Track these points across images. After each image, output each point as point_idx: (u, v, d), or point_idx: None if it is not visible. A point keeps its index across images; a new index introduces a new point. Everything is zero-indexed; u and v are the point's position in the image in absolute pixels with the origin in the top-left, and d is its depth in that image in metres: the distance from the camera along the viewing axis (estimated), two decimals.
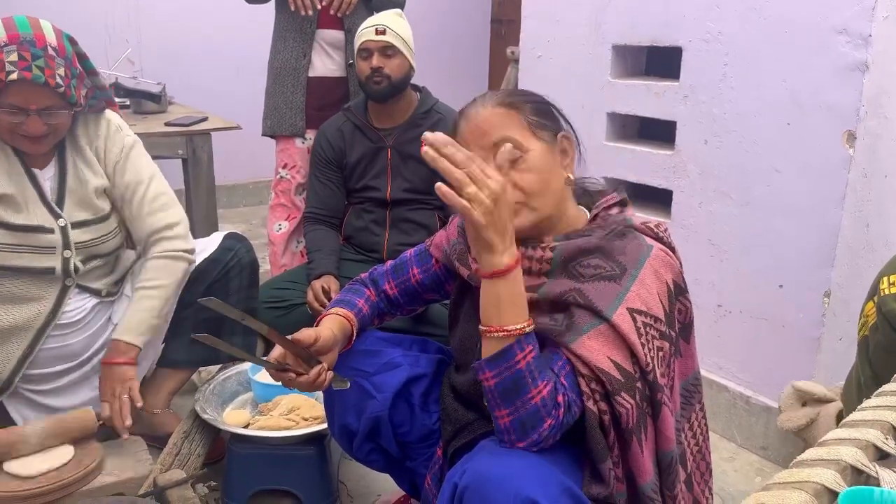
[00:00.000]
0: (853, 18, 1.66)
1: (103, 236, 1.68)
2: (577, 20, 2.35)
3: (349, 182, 2.37)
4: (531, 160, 1.10)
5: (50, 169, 1.63)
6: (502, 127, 1.10)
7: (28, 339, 1.62)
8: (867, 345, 1.36)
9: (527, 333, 1.02)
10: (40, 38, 1.46)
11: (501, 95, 1.15)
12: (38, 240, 1.58)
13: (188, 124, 2.60)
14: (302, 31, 2.56)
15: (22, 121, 1.48)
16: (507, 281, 1.01)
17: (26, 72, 1.42)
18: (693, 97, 2.04)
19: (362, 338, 1.34)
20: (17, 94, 1.45)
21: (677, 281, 1.12)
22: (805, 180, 1.81)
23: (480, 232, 0.97)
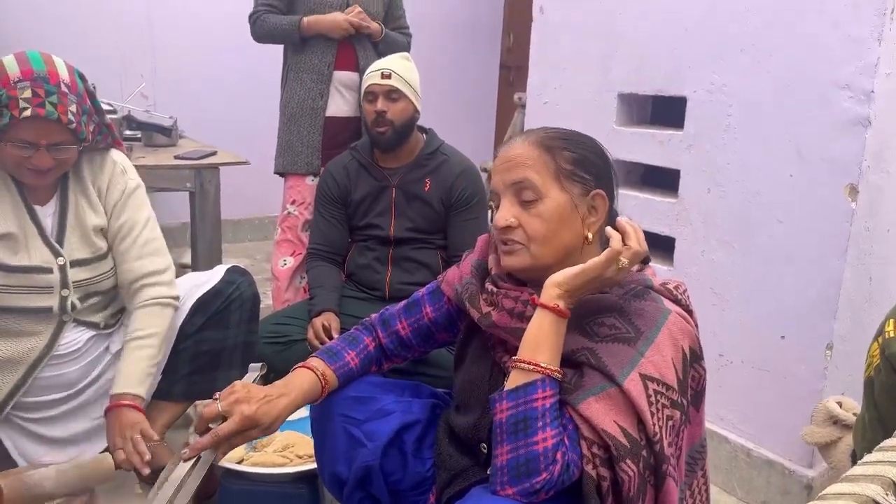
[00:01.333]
0: (856, 74, 1.69)
1: (101, 275, 1.68)
2: (584, 68, 2.39)
3: (353, 219, 2.39)
4: (543, 207, 1.10)
5: (51, 205, 1.64)
6: (527, 168, 1.11)
7: (22, 370, 1.61)
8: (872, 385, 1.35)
9: (554, 378, 1.02)
10: (53, 74, 1.48)
11: (546, 135, 1.15)
12: (36, 280, 1.58)
13: (197, 158, 2.64)
14: (319, 71, 2.61)
15: (30, 155, 1.49)
16: (557, 320, 1.04)
17: (40, 108, 1.43)
18: (697, 146, 2.06)
19: (354, 383, 1.32)
20: (28, 129, 1.46)
21: (693, 347, 1.09)
22: (807, 232, 1.81)
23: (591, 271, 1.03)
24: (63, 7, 3.78)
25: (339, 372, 1.30)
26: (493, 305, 1.17)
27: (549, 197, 1.10)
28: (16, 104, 1.43)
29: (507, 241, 1.12)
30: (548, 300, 1.05)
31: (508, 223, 1.11)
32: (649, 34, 2.16)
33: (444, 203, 2.33)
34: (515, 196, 1.12)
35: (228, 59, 4.23)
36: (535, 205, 1.10)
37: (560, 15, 2.48)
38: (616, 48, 2.28)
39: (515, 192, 1.12)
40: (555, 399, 1.02)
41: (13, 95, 1.43)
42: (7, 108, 1.43)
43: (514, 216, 1.11)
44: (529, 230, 1.10)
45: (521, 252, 1.11)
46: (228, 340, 1.81)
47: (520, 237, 1.11)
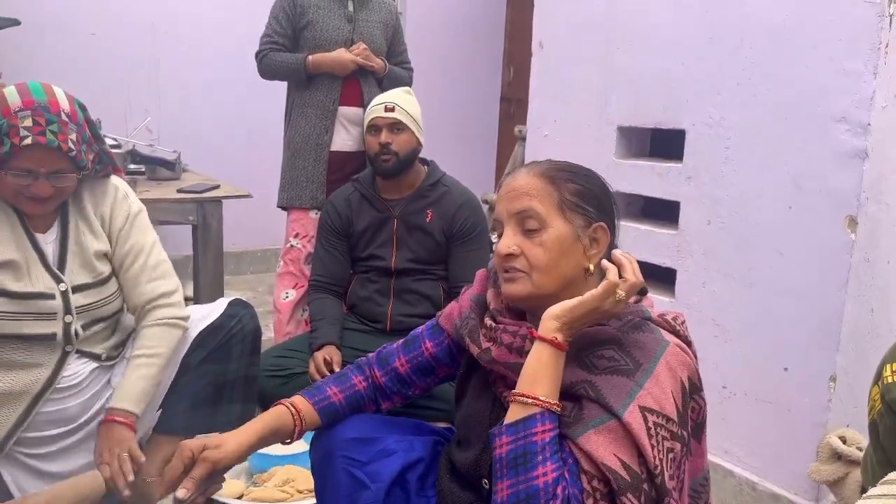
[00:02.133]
0: (852, 107, 1.71)
1: (104, 299, 1.68)
2: (584, 102, 2.42)
3: (355, 251, 2.40)
4: (546, 236, 1.11)
5: (52, 232, 1.64)
6: (531, 197, 1.12)
7: (24, 404, 1.60)
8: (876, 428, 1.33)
9: (553, 412, 1.02)
10: (54, 103, 1.50)
11: (551, 167, 1.17)
12: (40, 306, 1.58)
13: (200, 191, 2.65)
14: (324, 107, 2.65)
15: (30, 183, 1.50)
16: (555, 353, 1.05)
17: (40, 136, 1.45)
18: (696, 178, 2.07)
19: (353, 424, 1.31)
20: (29, 157, 1.47)
21: (693, 379, 1.09)
22: (808, 263, 1.81)
23: (588, 304, 1.04)
24: (70, 44, 3.85)
25: (319, 406, 1.29)
26: (492, 341, 1.16)
27: (552, 227, 1.11)
28: (16, 132, 1.44)
29: (509, 268, 1.13)
30: (546, 333, 1.06)
31: (511, 251, 1.12)
32: (647, 68, 2.19)
33: (445, 234, 2.34)
34: (519, 225, 1.13)
35: (232, 93, 4.29)
36: (538, 234, 1.11)
37: (559, 50, 2.52)
38: (615, 82, 2.31)
39: (519, 220, 1.13)
40: (554, 433, 1.01)
41: (14, 124, 1.44)
42: (7, 136, 1.44)
43: (516, 244, 1.12)
44: (532, 258, 1.11)
45: (522, 280, 1.11)
46: (230, 374, 1.81)
47: (522, 265, 1.11)
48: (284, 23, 2.64)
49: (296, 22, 2.64)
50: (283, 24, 2.64)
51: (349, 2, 2.69)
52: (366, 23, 2.71)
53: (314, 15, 2.62)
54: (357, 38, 2.66)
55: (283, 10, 2.64)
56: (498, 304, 1.21)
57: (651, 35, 2.18)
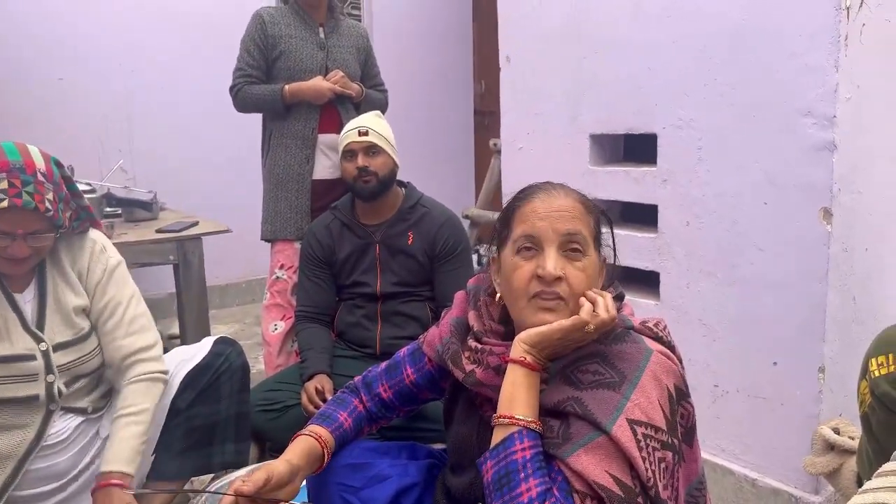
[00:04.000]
0: (817, 101, 1.73)
1: (85, 356, 1.66)
2: (554, 112, 2.44)
3: (339, 278, 2.39)
4: (587, 262, 1.10)
5: (30, 291, 1.63)
6: (579, 221, 1.11)
7: (11, 466, 1.57)
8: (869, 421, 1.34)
9: (531, 430, 1.03)
10: (30, 164, 1.49)
11: (580, 194, 1.16)
12: (20, 368, 1.56)
13: (179, 230, 2.64)
14: (304, 137, 2.64)
15: (7, 244, 1.49)
16: (528, 373, 1.06)
17: (17, 199, 1.45)
18: (672, 181, 2.09)
19: (348, 450, 1.31)
20: (6, 219, 1.47)
21: (679, 385, 1.09)
22: (787, 257, 1.83)
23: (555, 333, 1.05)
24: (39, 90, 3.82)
25: (336, 434, 1.29)
26: (476, 363, 1.16)
27: (590, 255, 1.11)
28: None
29: (550, 294, 1.08)
30: (515, 355, 1.08)
31: (560, 274, 1.08)
32: (615, 75, 2.22)
33: (428, 255, 2.34)
34: (562, 247, 1.09)
35: (205, 128, 4.28)
36: (579, 259, 1.09)
37: (526, 62, 2.54)
38: (584, 91, 2.33)
39: (564, 242, 1.09)
40: (535, 450, 1.02)
41: None
42: None
43: (561, 267, 1.09)
44: (574, 284, 1.08)
45: (561, 309, 1.08)
46: (221, 413, 1.79)
47: (563, 291, 1.08)
48: (256, 55, 2.63)
49: (268, 53, 2.63)
50: (256, 57, 2.63)
51: (320, 29, 2.70)
52: (338, 49, 2.71)
53: (286, 45, 2.62)
54: (331, 65, 2.67)
55: (253, 42, 2.63)
56: (481, 325, 1.21)
57: (616, 42, 2.20)
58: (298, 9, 2.68)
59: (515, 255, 1.12)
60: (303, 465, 1.21)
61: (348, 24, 2.81)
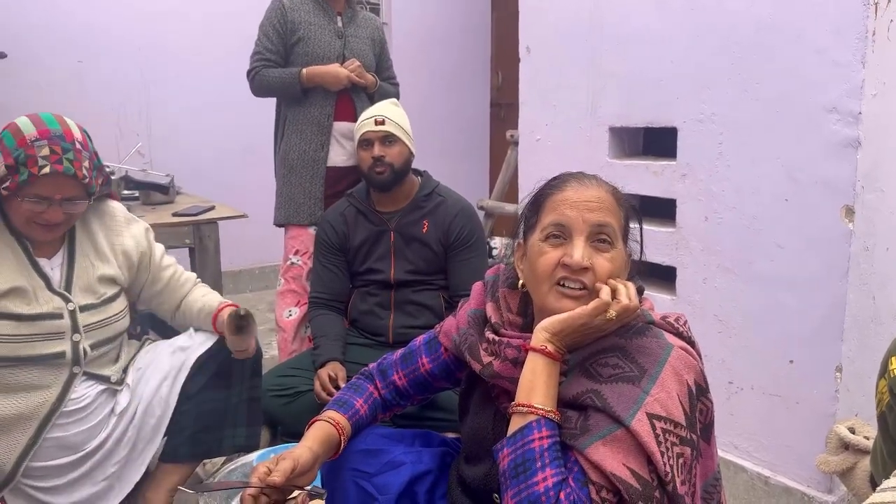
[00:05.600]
0: (842, 97, 1.71)
1: (110, 318, 1.71)
2: (573, 104, 2.42)
3: (353, 265, 2.39)
4: (616, 253, 1.11)
5: (58, 257, 1.67)
6: (610, 213, 1.11)
7: (33, 428, 1.60)
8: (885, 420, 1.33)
9: (549, 419, 1.03)
10: (68, 133, 1.55)
11: (612, 186, 1.16)
12: (48, 326, 1.60)
13: (195, 214, 2.64)
14: (319, 123, 2.64)
15: (43, 210, 1.54)
16: (549, 363, 1.06)
17: (58, 165, 1.50)
18: (691, 175, 2.07)
19: (362, 436, 1.31)
20: (46, 185, 1.52)
21: (698, 381, 1.08)
22: (807, 255, 1.81)
23: (577, 318, 1.05)
24: (59, 73, 3.84)
25: (353, 420, 1.30)
26: (494, 355, 1.16)
27: (618, 246, 1.11)
28: (34, 162, 1.49)
29: (575, 281, 1.09)
30: (536, 343, 1.07)
31: (586, 264, 1.08)
32: (635, 68, 2.20)
33: (442, 244, 2.33)
34: (590, 238, 1.10)
35: (222, 113, 4.29)
36: (609, 251, 1.10)
37: (546, 54, 2.52)
38: (604, 83, 2.31)
39: (594, 233, 1.10)
40: (552, 439, 1.01)
41: (31, 154, 1.49)
42: (25, 165, 1.48)
43: (588, 256, 1.09)
44: (601, 274, 1.08)
45: (585, 298, 1.08)
46: (232, 398, 1.80)
47: (589, 281, 1.08)
48: (275, 39, 2.63)
49: (287, 38, 2.63)
50: (274, 41, 2.63)
51: (338, 18, 2.69)
52: (355, 38, 2.71)
53: (305, 31, 2.62)
54: (348, 54, 2.66)
55: (273, 27, 2.63)
56: (499, 317, 1.20)
57: (637, 35, 2.18)
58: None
59: (544, 241, 1.12)
60: (322, 452, 1.22)
61: (365, 16, 2.82)
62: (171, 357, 1.77)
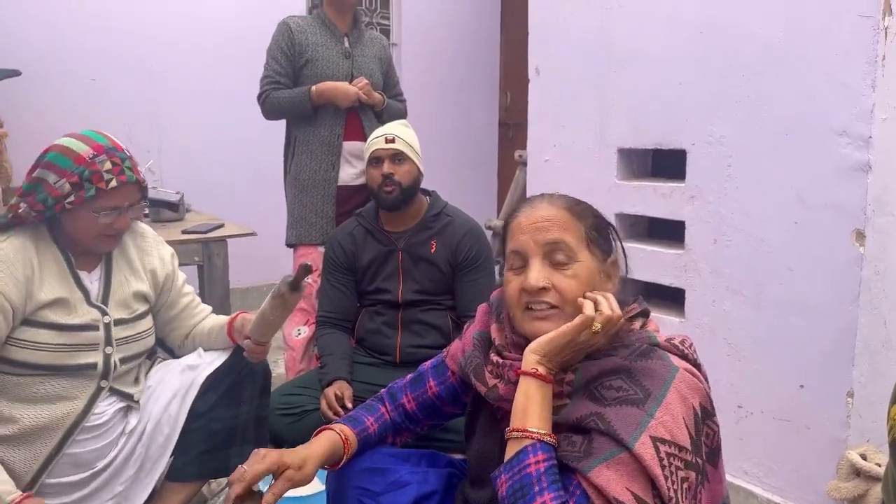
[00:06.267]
0: (853, 121, 1.71)
1: (139, 333, 1.75)
2: (583, 125, 2.43)
3: (361, 285, 2.40)
4: (578, 268, 1.11)
5: (97, 272, 1.72)
6: (561, 229, 1.12)
7: (56, 439, 1.61)
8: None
9: (545, 443, 1.02)
10: (116, 144, 1.62)
11: (570, 201, 1.17)
12: (84, 337, 1.64)
13: (205, 231, 2.66)
14: (329, 143, 2.66)
15: (113, 220, 1.61)
16: (540, 385, 1.06)
17: (121, 175, 1.58)
18: (700, 197, 2.07)
19: (368, 455, 1.32)
20: (115, 196, 1.58)
21: (704, 404, 1.07)
22: (818, 278, 1.80)
23: (563, 336, 1.05)
24: (71, 90, 3.88)
25: (361, 436, 1.31)
26: (498, 378, 1.16)
27: (581, 259, 1.11)
28: (100, 177, 1.55)
29: (539, 303, 1.11)
30: (527, 366, 1.07)
31: (544, 284, 1.09)
32: (644, 89, 2.20)
33: (450, 264, 2.33)
34: (547, 257, 1.11)
35: (232, 131, 4.32)
36: (568, 266, 1.10)
37: (555, 75, 2.53)
38: (613, 104, 2.31)
39: (548, 252, 1.11)
40: (549, 463, 1.00)
41: (96, 170, 1.55)
42: (90, 181, 1.54)
43: (545, 277, 1.10)
44: (565, 291, 1.09)
45: (554, 317, 1.09)
46: (241, 417, 1.80)
47: (554, 299, 1.10)
48: (284, 62, 2.65)
49: (295, 60, 2.66)
50: (283, 64, 2.65)
51: (345, 38, 2.72)
52: (363, 58, 2.74)
53: (313, 53, 2.65)
54: (356, 74, 2.69)
55: (280, 49, 2.66)
56: (503, 339, 1.20)
57: (646, 56, 2.19)
58: (325, 18, 2.71)
59: (509, 270, 1.15)
60: (320, 456, 1.24)
61: (371, 35, 2.85)
62: (181, 375, 1.77)
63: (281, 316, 1.72)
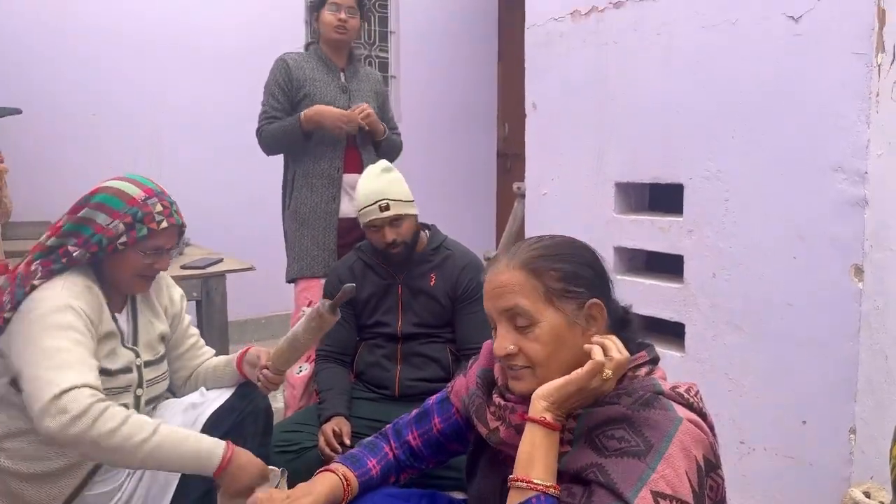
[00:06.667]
0: (848, 156, 1.72)
1: (163, 374, 1.79)
2: (580, 159, 2.44)
3: (361, 318, 2.39)
4: (539, 331, 1.10)
5: (125, 313, 1.75)
6: (516, 294, 1.11)
7: (80, 478, 1.61)
8: None
9: (549, 495, 1.00)
10: (162, 189, 1.69)
11: (530, 255, 1.14)
12: (121, 380, 1.66)
13: (204, 266, 2.66)
14: (329, 176, 2.68)
15: (154, 261, 1.66)
16: (548, 433, 1.04)
17: (171, 218, 1.65)
18: (698, 231, 2.08)
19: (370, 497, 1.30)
20: (162, 237, 1.64)
21: (708, 456, 1.05)
22: (817, 313, 1.80)
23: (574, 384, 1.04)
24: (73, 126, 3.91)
25: (362, 479, 1.29)
26: (500, 420, 1.15)
27: (543, 321, 1.10)
28: (151, 218, 1.61)
29: (511, 366, 1.12)
30: (535, 413, 1.05)
31: (508, 351, 1.11)
32: (641, 124, 2.22)
33: (450, 297, 2.33)
34: (510, 322, 1.11)
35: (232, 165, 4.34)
36: (531, 329, 1.10)
37: (552, 109, 2.56)
38: (609, 139, 2.33)
39: (509, 318, 1.12)
40: None
41: (148, 211, 1.61)
42: (142, 222, 1.60)
43: (512, 343, 1.10)
44: (530, 355, 1.10)
45: (527, 377, 1.11)
46: None
47: (522, 361, 1.10)
48: (281, 98, 2.68)
49: (292, 96, 2.68)
50: (280, 100, 2.68)
51: (341, 73, 2.76)
52: (359, 92, 2.77)
53: (310, 88, 2.67)
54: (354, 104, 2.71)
55: (278, 85, 2.68)
56: (504, 378, 1.20)
57: (643, 91, 2.21)
58: (321, 54, 2.75)
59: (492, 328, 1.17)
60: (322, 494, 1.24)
61: (366, 71, 2.90)
62: (184, 415, 1.76)
63: (313, 340, 1.75)
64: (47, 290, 1.54)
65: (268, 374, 1.76)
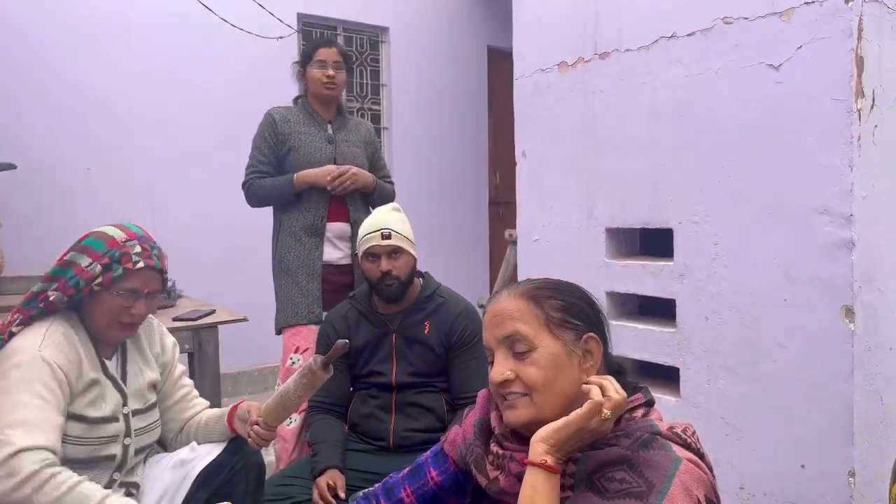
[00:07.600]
0: (833, 199, 1.75)
1: (152, 424, 1.76)
2: (570, 205, 2.47)
3: (354, 368, 2.37)
4: (538, 355, 1.10)
5: (115, 360, 1.73)
6: (515, 320, 1.12)
7: None
8: None
9: None
10: (149, 235, 1.71)
11: (532, 287, 1.18)
12: (107, 429, 1.64)
13: (196, 318, 2.65)
14: (313, 226, 2.69)
15: (131, 305, 1.64)
16: (548, 477, 1.03)
17: (149, 260, 1.65)
18: (689, 275, 2.09)
19: None
20: (137, 279, 1.63)
21: (709, 495, 1.04)
22: (810, 355, 1.80)
23: (573, 424, 1.03)
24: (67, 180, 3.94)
25: None
26: (499, 469, 1.14)
27: (542, 346, 1.11)
28: (128, 258, 1.62)
29: (507, 394, 1.12)
30: (535, 457, 1.05)
31: (505, 377, 1.11)
32: (629, 171, 2.25)
33: (444, 345, 2.32)
34: (508, 349, 1.12)
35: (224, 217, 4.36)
36: (528, 355, 1.11)
37: (542, 157, 2.60)
38: (599, 186, 2.36)
39: (508, 345, 1.13)
40: None
41: (126, 251, 1.62)
42: (119, 262, 1.61)
43: (509, 369, 1.11)
44: (527, 380, 1.10)
45: (523, 404, 1.10)
46: None
47: (519, 388, 1.10)
48: (267, 152, 2.73)
49: (278, 149, 2.73)
50: (266, 154, 2.73)
51: (328, 125, 2.80)
52: (346, 143, 2.80)
53: (296, 140, 2.72)
54: (339, 158, 2.74)
55: (264, 139, 2.74)
56: (502, 427, 1.19)
57: (630, 140, 2.25)
58: (308, 107, 2.80)
59: (489, 363, 1.17)
60: None
61: (355, 121, 2.95)
62: (172, 472, 1.73)
63: (304, 396, 1.73)
64: (23, 339, 1.56)
65: (258, 430, 1.74)
